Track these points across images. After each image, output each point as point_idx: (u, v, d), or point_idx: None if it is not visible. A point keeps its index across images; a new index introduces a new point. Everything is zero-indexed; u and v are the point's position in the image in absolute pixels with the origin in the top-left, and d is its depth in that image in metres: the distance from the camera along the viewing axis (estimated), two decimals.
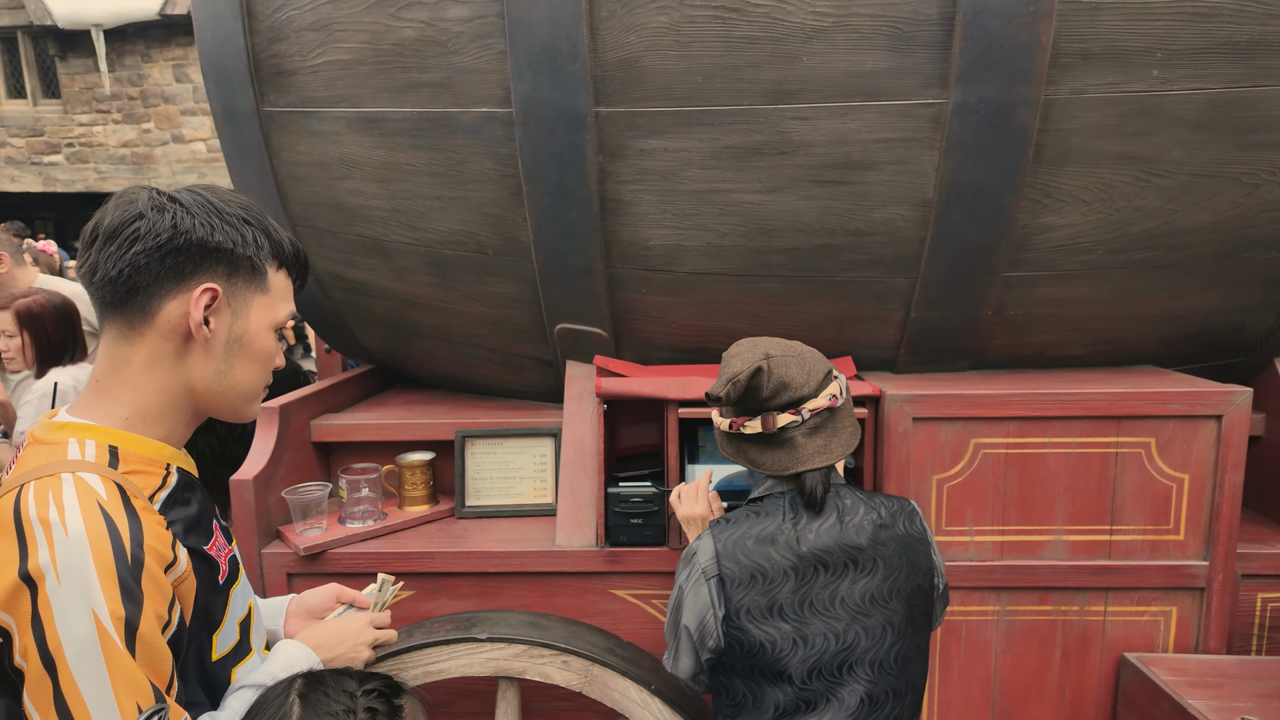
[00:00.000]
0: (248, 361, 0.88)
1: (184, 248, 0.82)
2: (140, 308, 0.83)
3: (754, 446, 1.22)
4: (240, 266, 0.85)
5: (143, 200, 0.82)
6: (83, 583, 0.70)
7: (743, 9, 1.33)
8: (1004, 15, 1.28)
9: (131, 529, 0.75)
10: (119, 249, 0.80)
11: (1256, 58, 1.32)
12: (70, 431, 0.81)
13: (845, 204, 1.45)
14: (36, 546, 0.71)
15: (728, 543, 1.19)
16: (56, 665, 0.70)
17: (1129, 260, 1.51)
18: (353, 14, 1.52)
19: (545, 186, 1.52)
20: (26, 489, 0.74)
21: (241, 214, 0.86)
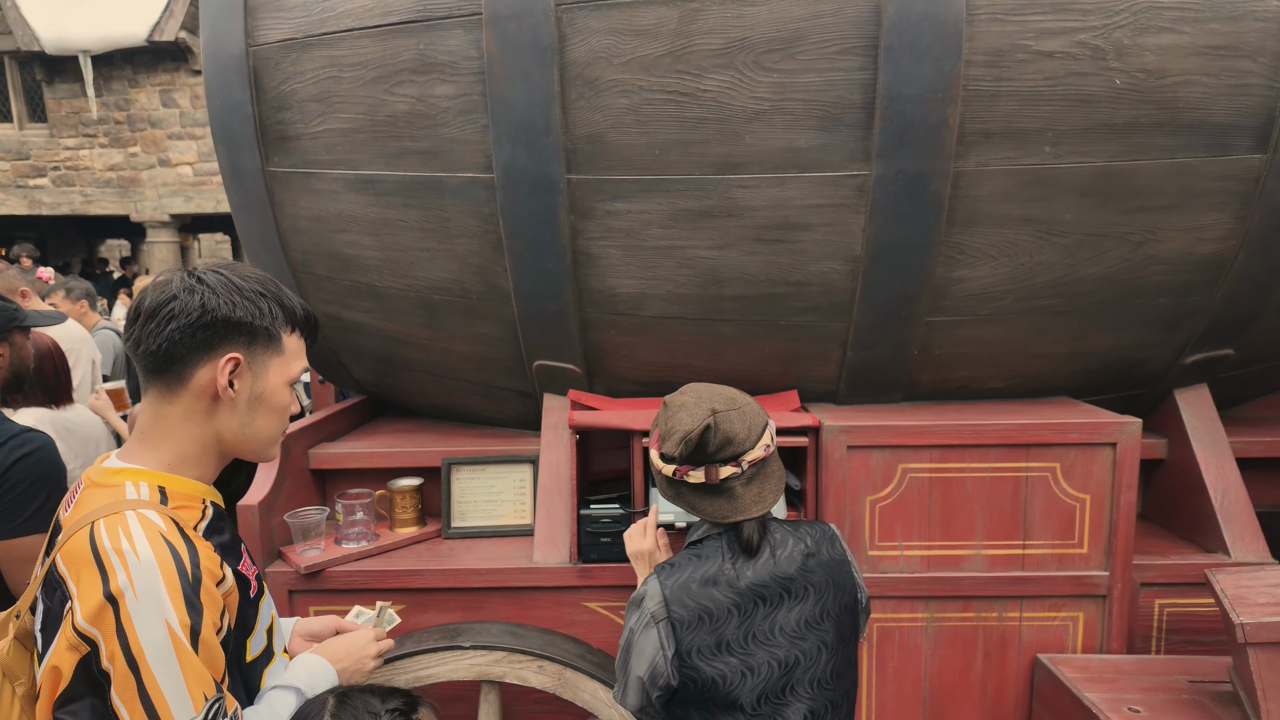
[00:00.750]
0: (267, 414, 1.05)
1: (211, 324, 0.98)
2: (176, 374, 0.99)
3: (695, 493, 1.32)
4: (258, 335, 1.02)
5: (176, 283, 0.99)
6: (156, 598, 0.87)
7: (694, 94, 1.54)
8: (916, 101, 1.49)
9: (189, 553, 0.91)
10: (158, 326, 0.97)
11: (1131, 136, 1.55)
12: (125, 475, 0.98)
13: (785, 259, 1.66)
14: (114, 571, 0.87)
15: (674, 587, 1.27)
16: (139, 666, 0.86)
17: (1035, 306, 1.72)
18: (351, 89, 1.71)
19: (524, 241, 1.71)
20: (98, 525, 0.90)
21: (258, 289, 1.03)
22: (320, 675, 1.11)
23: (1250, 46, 1.52)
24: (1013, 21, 1.47)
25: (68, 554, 0.90)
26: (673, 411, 1.33)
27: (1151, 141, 1.56)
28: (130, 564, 0.87)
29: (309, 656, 1.14)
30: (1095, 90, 1.51)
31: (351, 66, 1.69)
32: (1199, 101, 1.54)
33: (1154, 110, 1.54)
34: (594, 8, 1.53)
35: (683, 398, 1.35)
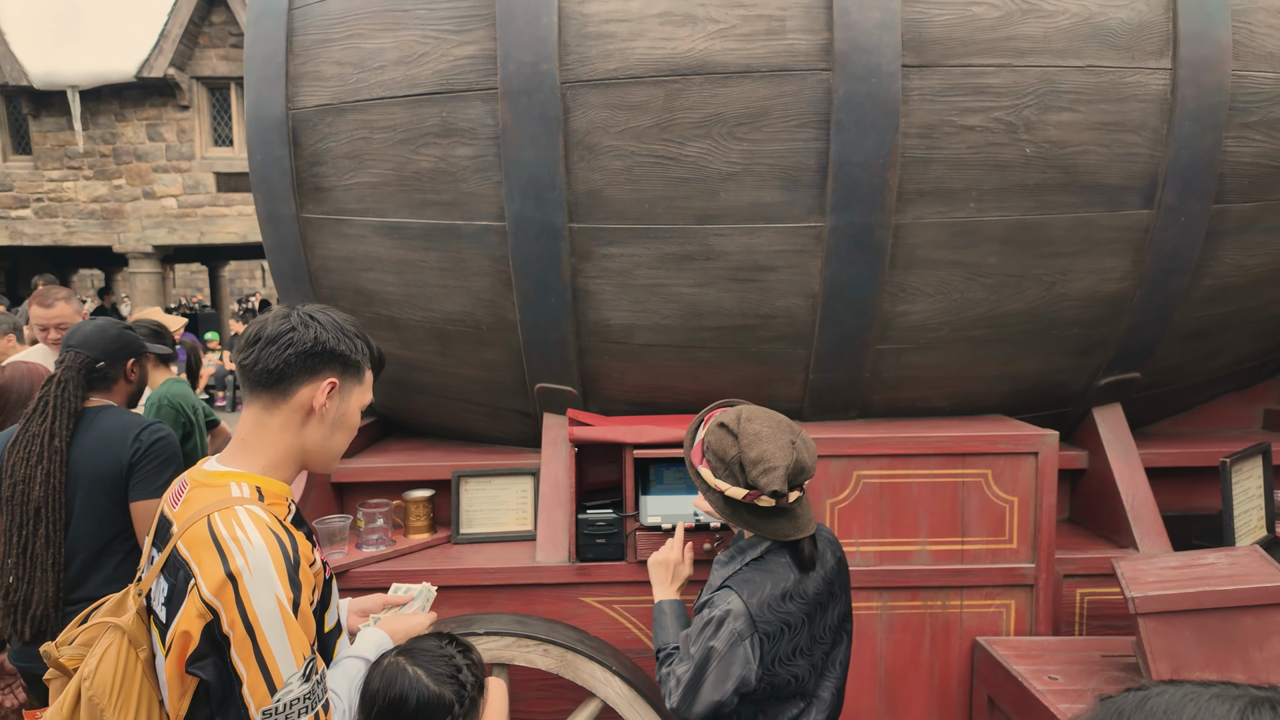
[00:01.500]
0: (344, 431, 1.28)
1: (321, 353, 1.21)
2: (283, 390, 1.20)
3: (759, 515, 1.40)
4: (350, 367, 1.25)
5: (294, 318, 1.22)
6: (267, 576, 1.08)
7: (677, 158, 1.83)
8: (862, 165, 1.80)
9: (290, 541, 1.13)
10: (278, 350, 1.19)
11: (1041, 195, 1.86)
12: (229, 477, 1.19)
13: (755, 296, 1.94)
14: (233, 555, 1.08)
15: (758, 605, 1.35)
16: (255, 630, 1.07)
17: (968, 336, 2.02)
18: (381, 148, 1.97)
19: (530, 280, 1.98)
20: (214, 517, 1.11)
21: (355, 331, 1.27)
22: (384, 648, 1.35)
23: (1134, 123, 1.85)
24: (941, 101, 1.79)
25: (189, 540, 1.10)
26: (751, 441, 1.39)
27: (1058, 199, 1.88)
28: (246, 549, 1.08)
29: (373, 631, 1.37)
30: (1009, 158, 1.83)
31: (382, 129, 1.96)
32: (1095, 167, 1.86)
33: (1058, 174, 1.85)
34: (593, 86, 1.82)
35: (754, 425, 1.41)
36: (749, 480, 1.38)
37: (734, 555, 1.47)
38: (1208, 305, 2.11)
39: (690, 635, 1.43)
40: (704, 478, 1.45)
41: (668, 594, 1.63)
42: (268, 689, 1.07)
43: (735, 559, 1.46)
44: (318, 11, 2.01)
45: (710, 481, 1.43)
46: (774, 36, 1.77)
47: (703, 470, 1.45)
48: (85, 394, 2.06)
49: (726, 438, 1.42)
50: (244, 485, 1.18)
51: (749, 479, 1.38)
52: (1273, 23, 1.92)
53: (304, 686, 1.10)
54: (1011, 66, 1.79)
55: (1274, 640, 1.53)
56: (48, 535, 1.93)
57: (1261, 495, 2.14)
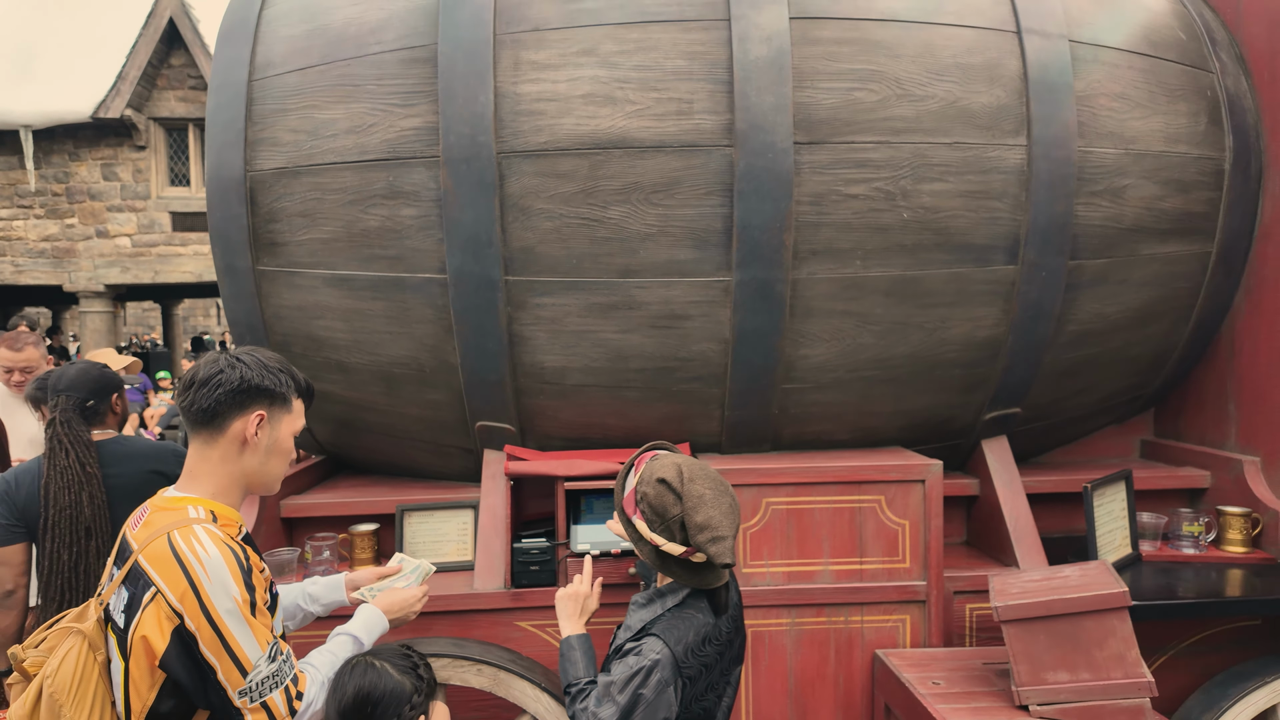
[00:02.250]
0: (279, 456, 1.46)
1: (247, 390, 1.39)
2: (217, 426, 1.38)
3: (687, 568, 1.46)
4: (276, 399, 1.43)
5: (222, 361, 1.40)
6: (224, 581, 1.25)
7: (601, 220, 2.05)
8: (762, 228, 2.04)
9: (242, 551, 1.31)
10: (209, 390, 1.36)
11: (918, 254, 2.13)
12: (186, 501, 1.36)
13: (674, 341, 2.16)
14: (192, 565, 1.25)
15: (684, 651, 1.41)
16: (219, 626, 1.24)
17: (862, 377, 2.26)
18: (332, 208, 2.16)
19: (470, 327, 2.17)
20: (174, 534, 1.28)
21: (279, 366, 1.45)
22: (375, 623, 1.55)
23: (997, 191, 2.14)
24: (828, 174, 2.06)
25: (150, 555, 1.27)
26: (695, 504, 1.42)
27: (933, 257, 2.15)
28: (204, 559, 1.26)
29: (366, 608, 1.57)
30: (890, 222, 2.10)
31: (333, 191, 2.15)
32: (964, 229, 2.14)
33: (933, 235, 2.13)
34: (526, 156, 2.05)
35: (698, 487, 1.45)
36: (693, 542, 1.42)
37: (653, 598, 1.53)
38: (1073, 348, 2.40)
39: (616, 682, 1.43)
40: (638, 529, 1.48)
41: (576, 628, 1.66)
42: (240, 673, 1.26)
43: (655, 602, 1.52)
44: (276, 84, 2.21)
45: (644, 534, 1.46)
46: (683, 117, 2.03)
47: (637, 521, 1.48)
48: (88, 429, 2.21)
49: (668, 495, 1.45)
50: (199, 508, 1.35)
51: (695, 542, 1.42)
52: (1112, 106, 2.25)
53: (271, 666, 1.29)
54: (889, 143, 2.07)
55: (1111, 641, 1.77)
56: (99, 548, 2.12)
57: (1125, 516, 2.41)
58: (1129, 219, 2.28)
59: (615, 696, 1.42)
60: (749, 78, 2.02)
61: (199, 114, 10.92)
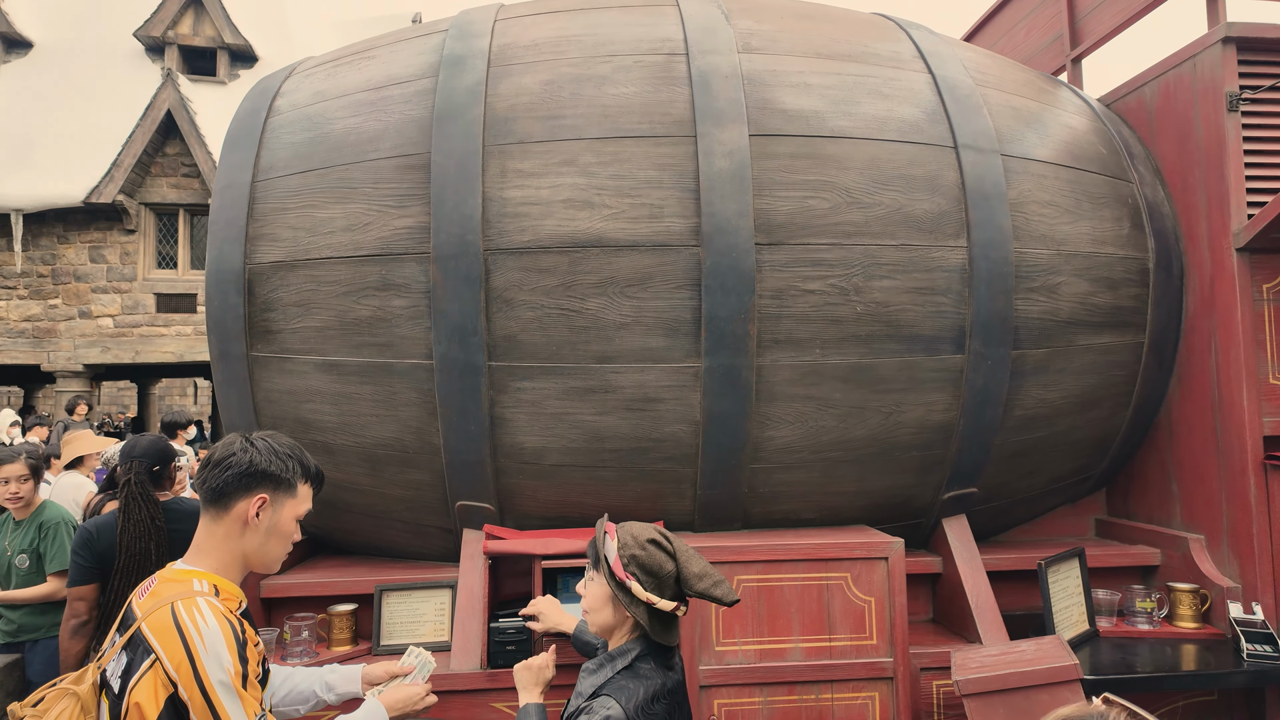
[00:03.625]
0: (279, 539, 1.53)
1: (253, 474, 1.47)
2: (224, 505, 1.46)
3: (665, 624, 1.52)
4: (282, 484, 1.51)
5: (237, 444, 1.50)
6: (218, 653, 1.31)
7: (580, 310, 2.22)
8: (728, 320, 2.21)
9: (240, 627, 1.37)
10: (220, 472, 1.46)
11: (872, 344, 2.31)
12: (192, 575, 1.42)
13: (647, 423, 2.29)
14: (191, 636, 1.30)
15: (635, 709, 1.43)
16: (210, 695, 1.29)
17: (825, 458, 2.40)
18: (326, 299, 2.31)
19: (454, 409, 2.29)
20: (177, 605, 1.34)
21: (288, 453, 1.54)
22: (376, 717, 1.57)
23: (941, 287, 2.35)
24: (787, 271, 2.25)
25: (153, 624, 1.33)
26: (687, 557, 1.54)
27: (885, 347, 2.32)
28: (203, 631, 1.32)
29: (372, 703, 1.60)
30: (844, 314, 2.28)
31: (328, 283, 2.31)
32: (913, 321, 2.33)
33: (884, 327, 2.31)
34: (510, 253, 2.22)
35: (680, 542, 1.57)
36: (693, 591, 1.51)
37: (602, 664, 1.56)
38: (1021, 431, 2.56)
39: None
40: (633, 592, 1.51)
41: (533, 697, 1.70)
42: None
43: (604, 666, 1.55)
44: (278, 185, 2.40)
45: (640, 595, 1.50)
46: (655, 220, 2.22)
47: (632, 586, 1.51)
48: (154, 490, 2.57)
49: (660, 554, 1.52)
50: (204, 582, 1.42)
51: (697, 590, 1.51)
52: (1043, 212, 2.49)
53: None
54: (841, 245, 2.28)
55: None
56: None
57: (1080, 592, 2.51)
58: (1064, 312, 2.49)
59: None
60: (713, 186, 2.23)
61: (190, 199, 11.22)
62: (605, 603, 1.58)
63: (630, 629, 1.58)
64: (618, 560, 1.57)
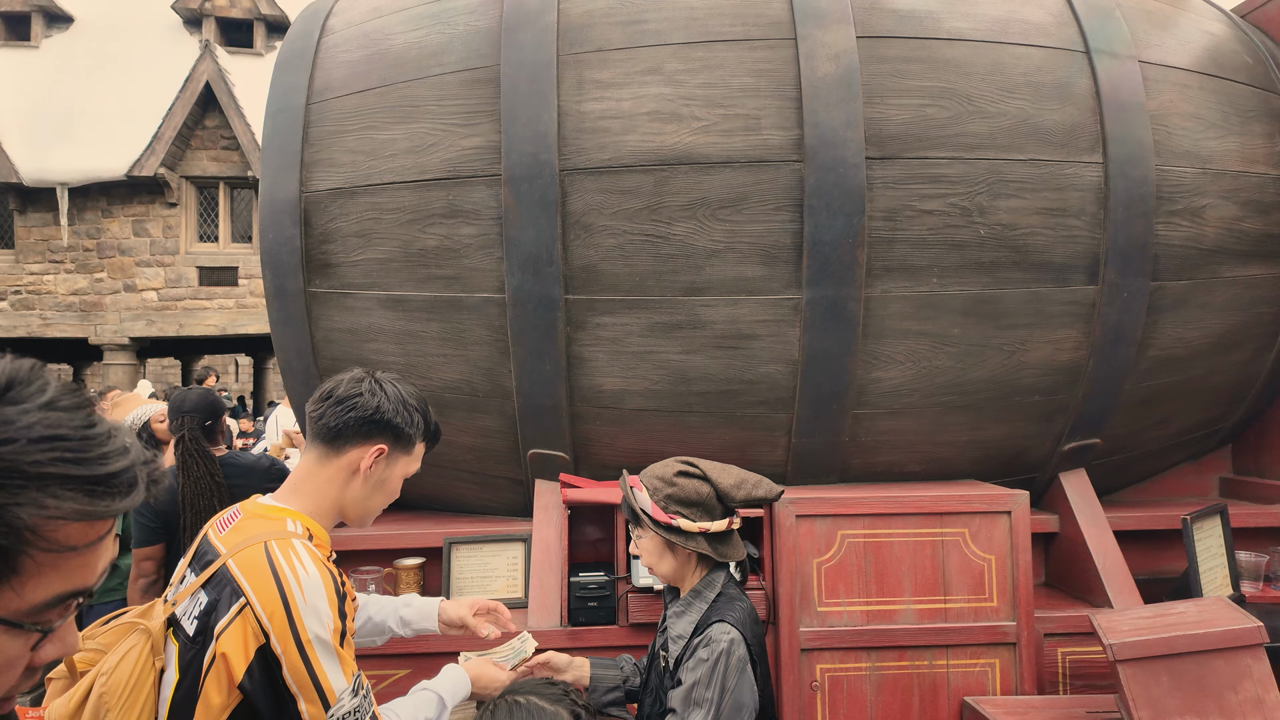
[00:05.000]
0: (383, 494, 1.36)
1: (378, 421, 1.30)
2: (337, 448, 1.30)
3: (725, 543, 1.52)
4: (402, 438, 1.34)
5: (366, 384, 1.32)
6: (318, 607, 1.14)
7: (666, 237, 1.99)
8: (833, 244, 1.97)
9: (339, 578, 1.20)
10: (342, 411, 1.29)
11: (996, 272, 2.05)
12: (284, 513, 1.26)
13: (739, 362, 2.07)
14: (289, 582, 1.14)
15: (746, 628, 1.42)
16: (307, 651, 1.12)
17: (937, 403, 2.15)
18: (389, 228, 2.12)
19: (527, 348, 2.09)
20: (271, 545, 1.17)
21: (417, 406, 1.36)
22: (460, 688, 1.39)
23: (1074, 209, 2.07)
24: (901, 189, 1.99)
25: (243, 562, 1.16)
26: (718, 473, 1.53)
27: (1011, 276, 2.06)
28: (302, 579, 1.15)
29: (454, 669, 1.42)
30: (965, 238, 2.02)
31: (391, 210, 2.11)
32: (1042, 246, 2.06)
33: (1010, 253, 2.05)
34: (589, 173, 2.00)
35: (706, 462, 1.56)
36: (735, 501, 1.51)
37: (690, 601, 1.52)
38: (1154, 375, 2.28)
39: (698, 682, 1.40)
40: (683, 529, 1.49)
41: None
42: (322, 706, 1.14)
43: (695, 603, 1.51)
44: (334, 107, 2.20)
45: (691, 529, 1.48)
46: (750, 133, 1.98)
47: (680, 523, 1.49)
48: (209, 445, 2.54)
49: (692, 480, 1.51)
50: (298, 523, 1.26)
51: (740, 498, 1.50)
52: (1186, 125, 2.19)
53: (354, 700, 1.16)
54: (963, 159, 2.01)
55: (1246, 683, 1.60)
56: None
57: (1223, 554, 2.24)
58: (1209, 239, 2.20)
59: (700, 698, 1.39)
60: (817, 94, 1.98)
61: (230, 172, 11.20)
62: (663, 551, 1.55)
63: (698, 563, 1.55)
64: (655, 507, 1.53)
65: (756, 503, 1.52)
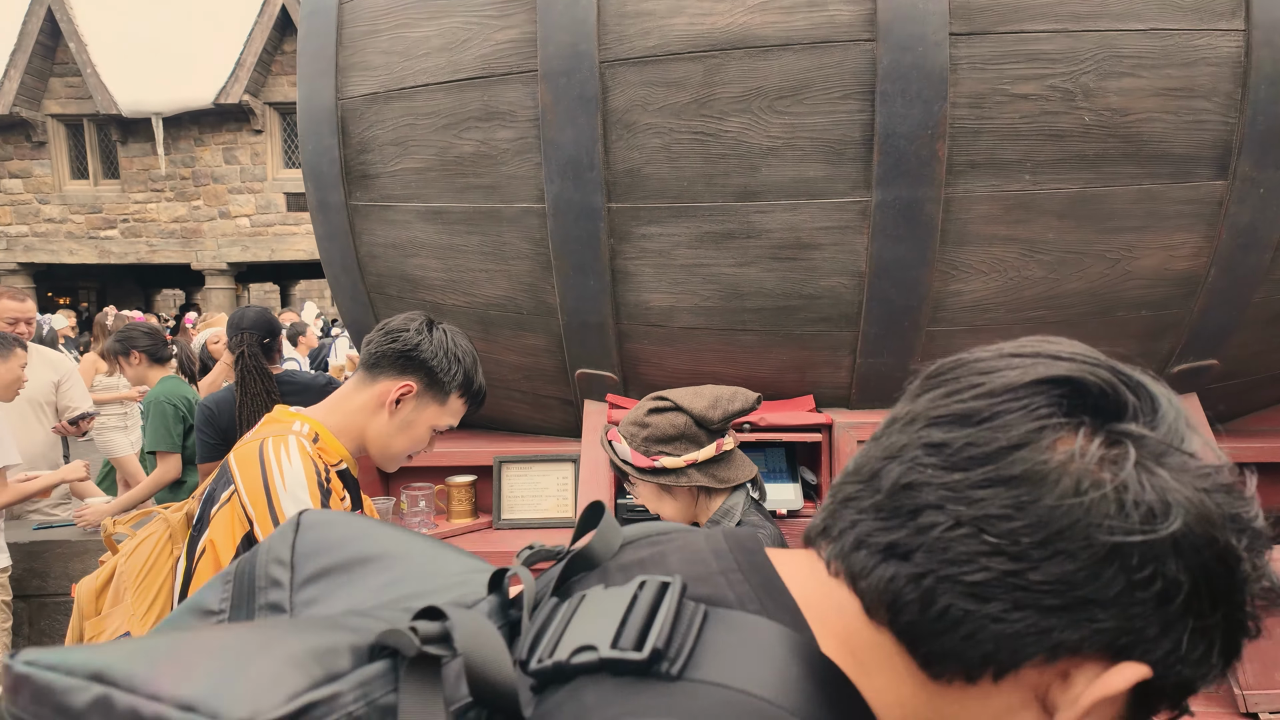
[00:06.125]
0: (407, 438, 1.35)
1: (412, 357, 1.30)
2: (373, 375, 1.32)
3: (723, 466, 1.45)
4: (436, 383, 1.33)
5: (417, 324, 1.33)
6: (298, 491, 1.15)
7: (717, 134, 1.80)
8: (909, 137, 1.74)
9: (325, 473, 1.20)
10: (385, 340, 1.31)
11: (1102, 166, 1.76)
12: (296, 416, 1.30)
13: (799, 275, 1.89)
14: (272, 471, 1.16)
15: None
16: None
17: (1025, 318, 1.92)
18: (425, 134, 2.01)
19: (569, 262, 1.97)
20: (267, 440, 1.21)
21: (460, 357, 1.35)
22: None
23: (1204, 88, 1.74)
24: (991, 69, 1.72)
25: (239, 455, 1.21)
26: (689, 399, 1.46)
27: (1121, 170, 1.77)
28: (284, 468, 1.17)
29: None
30: (1067, 127, 1.74)
31: (426, 115, 2.00)
32: (1161, 135, 1.76)
33: (1121, 143, 1.75)
34: (632, 64, 1.81)
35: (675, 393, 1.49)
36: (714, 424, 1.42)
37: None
38: None
39: None
40: (669, 467, 1.42)
41: None
42: None
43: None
44: (366, 4, 2.07)
45: (678, 464, 1.41)
46: (814, 9, 1.74)
47: (664, 462, 1.42)
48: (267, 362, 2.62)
49: (664, 416, 1.43)
50: (305, 425, 1.28)
51: (716, 419, 1.42)
52: None
53: None
54: (1067, 31, 1.71)
55: None
56: None
57: None
58: None
59: None
60: None
61: None
62: (660, 495, 1.49)
63: (707, 494, 1.48)
64: (635, 454, 1.47)
65: (736, 415, 1.46)
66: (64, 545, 2.94)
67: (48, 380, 3.27)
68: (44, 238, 11.58)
